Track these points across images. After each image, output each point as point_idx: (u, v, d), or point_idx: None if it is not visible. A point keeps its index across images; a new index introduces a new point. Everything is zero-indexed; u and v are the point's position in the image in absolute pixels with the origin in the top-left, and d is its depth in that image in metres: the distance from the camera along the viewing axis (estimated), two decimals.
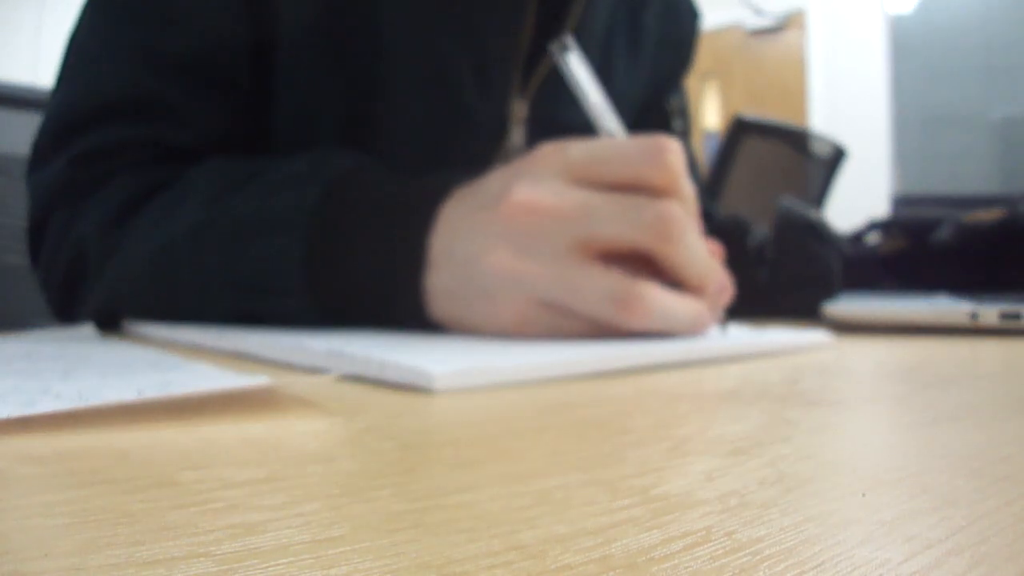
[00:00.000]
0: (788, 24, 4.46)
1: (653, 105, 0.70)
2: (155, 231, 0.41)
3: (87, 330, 0.38)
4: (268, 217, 0.37)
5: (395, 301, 0.35)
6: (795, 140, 1.67)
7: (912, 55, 4.05)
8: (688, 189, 0.34)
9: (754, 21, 4.53)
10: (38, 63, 3.31)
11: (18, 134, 0.79)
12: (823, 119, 4.14)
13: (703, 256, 0.34)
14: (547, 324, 0.32)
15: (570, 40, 0.39)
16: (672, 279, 0.34)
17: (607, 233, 0.31)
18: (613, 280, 0.31)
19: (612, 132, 0.38)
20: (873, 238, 0.69)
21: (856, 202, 2.30)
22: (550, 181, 0.32)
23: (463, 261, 0.33)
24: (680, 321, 0.32)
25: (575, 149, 0.33)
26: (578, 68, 0.39)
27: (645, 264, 0.33)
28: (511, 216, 0.32)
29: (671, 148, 0.33)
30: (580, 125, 0.40)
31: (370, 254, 0.35)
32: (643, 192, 0.32)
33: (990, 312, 0.44)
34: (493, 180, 0.34)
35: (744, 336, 0.35)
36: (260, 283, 0.37)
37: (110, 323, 0.43)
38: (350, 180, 0.37)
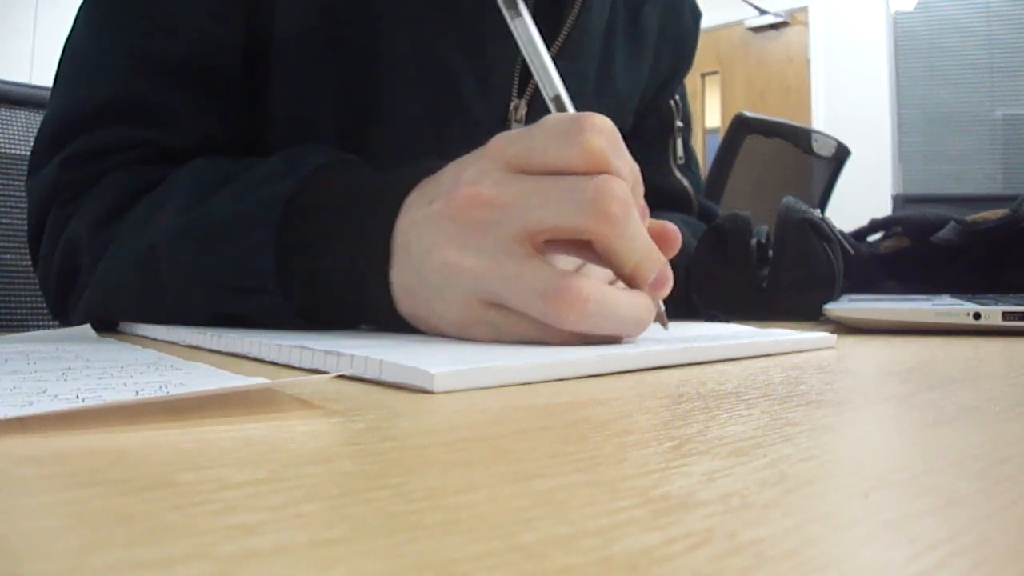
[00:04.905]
0: (790, 21, 4.46)
1: (654, 103, 0.70)
2: (139, 233, 0.41)
3: (85, 330, 0.38)
4: (241, 216, 0.37)
5: (366, 298, 0.34)
6: (797, 138, 1.66)
7: (914, 53, 4.05)
8: (623, 167, 0.31)
9: (756, 19, 4.53)
10: (34, 62, 3.32)
11: (15, 133, 0.79)
12: (825, 117, 4.13)
13: (642, 241, 0.31)
14: (491, 324, 0.31)
15: None
16: (609, 267, 0.32)
17: (545, 219, 0.30)
18: (547, 274, 0.29)
19: (555, 95, 0.36)
20: (875, 238, 0.69)
21: (858, 201, 2.30)
22: (493, 172, 0.31)
23: (417, 257, 0.32)
24: (623, 320, 0.30)
25: (518, 138, 0.32)
26: (526, 27, 0.37)
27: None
28: (456, 209, 0.31)
29: (590, 126, 0.30)
30: None
31: (339, 249, 0.35)
32: (577, 175, 0.30)
33: (993, 312, 0.44)
34: (446, 173, 0.33)
35: (743, 334, 0.35)
36: (236, 282, 0.37)
37: (104, 324, 0.43)
38: (322, 176, 0.37)
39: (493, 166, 0.32)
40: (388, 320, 0.34)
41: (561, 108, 0.38)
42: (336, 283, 0.35)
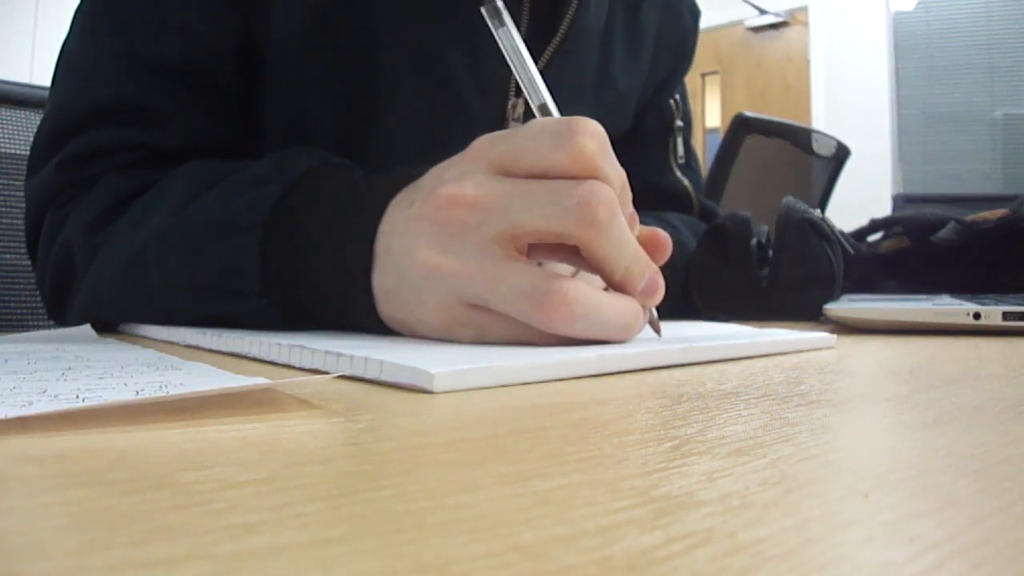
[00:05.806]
0: (790, 21, 4.46)
1: (653, 102, 0.70)
2: (129, 236, 0.41)
3: (85, 330, 0.38)
4: (228, 218, 0.37)
5: (349, 302, 0.34)
6: (797, 138, 1.66)
7: (914, 52, 4.05)
8: (612, 173, 0.31)
9: (756, 18, 4.53)
10: (34, 62, 3.33)
11: (15, 133, 0.79)
12: (825, 117, 4.13)
13: (630, 248, 0.31)
14: (475, 326, 0.30)
15: (501, 4, 0.37)
16: (598, 274, 0.31)
17: (528, 223, 0.30)
18: (532, 276, 0.29)
19: (541, 103, 0.36)
20: (875, 238, 0.69)
21: (858, 201, 2.30)
22: (475, 174, 0.31)
23: (398, 260, 0.32)
24: (609, 324, 0.30)
25: (501, 140, 0.32)
26: (510, 36, 0.37)
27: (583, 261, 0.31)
28: (436, 211, 0.31)
29: (583, 130, 0.30)
30: None
31: (323, 254, 0.34)
32: (564, 178, 0.30)
33: (993, 312, 0.44)
34: (428, 175, 0.33)
35: (742, 334, 0.35)
36: (222, 285, 0.37)
37: (103, 324, 0.43)
38: (311, 180, 0.37)
39: (475, 167, 0.31)
40: (370, 324, 0.34)
41: (547, 116, 0.37)
42: (319, 287, 0.35)
